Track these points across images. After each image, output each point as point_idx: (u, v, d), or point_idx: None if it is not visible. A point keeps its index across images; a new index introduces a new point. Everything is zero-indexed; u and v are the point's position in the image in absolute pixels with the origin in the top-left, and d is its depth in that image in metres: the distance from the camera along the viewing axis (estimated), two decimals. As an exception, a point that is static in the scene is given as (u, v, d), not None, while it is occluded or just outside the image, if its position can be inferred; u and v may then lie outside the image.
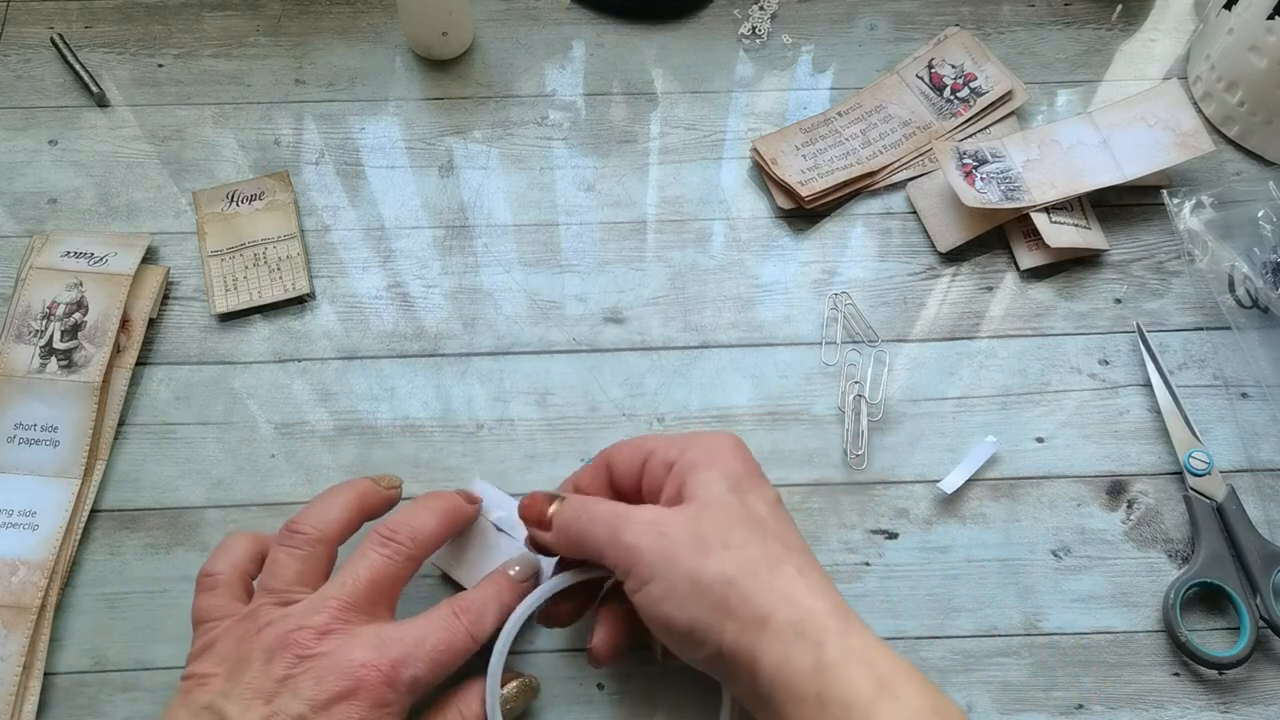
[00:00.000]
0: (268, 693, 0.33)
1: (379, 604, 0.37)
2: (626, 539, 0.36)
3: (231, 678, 0.34)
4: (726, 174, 0.55)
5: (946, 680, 0.42)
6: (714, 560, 0.34)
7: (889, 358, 0.49)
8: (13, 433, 0.46)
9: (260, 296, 0.50)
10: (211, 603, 0.37)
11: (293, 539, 0.38)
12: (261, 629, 0.35)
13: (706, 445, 0.39)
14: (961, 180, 0.52)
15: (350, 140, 0.56)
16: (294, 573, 0.37)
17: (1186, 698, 0.42)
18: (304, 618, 0.35)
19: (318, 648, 0.34)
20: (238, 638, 0.35)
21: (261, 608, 0.36)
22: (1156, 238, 0.53)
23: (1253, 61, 0.52)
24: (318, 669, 0.34)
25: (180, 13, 0.60)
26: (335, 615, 0.35)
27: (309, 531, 0.38)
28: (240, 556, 0.39)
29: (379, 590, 0.37)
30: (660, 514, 0.37)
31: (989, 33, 0.59)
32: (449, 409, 0.48)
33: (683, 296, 0.51)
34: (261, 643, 0.35)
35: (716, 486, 0.37)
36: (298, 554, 0.37)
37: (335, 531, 0.38)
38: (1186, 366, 0.49)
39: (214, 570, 0.38)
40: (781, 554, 0.35)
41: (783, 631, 0.33)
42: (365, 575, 0.36)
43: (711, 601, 0.34)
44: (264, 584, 0.37)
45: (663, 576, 0.35)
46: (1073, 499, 0.46)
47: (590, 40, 0.59)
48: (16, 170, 0.54)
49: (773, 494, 0.38)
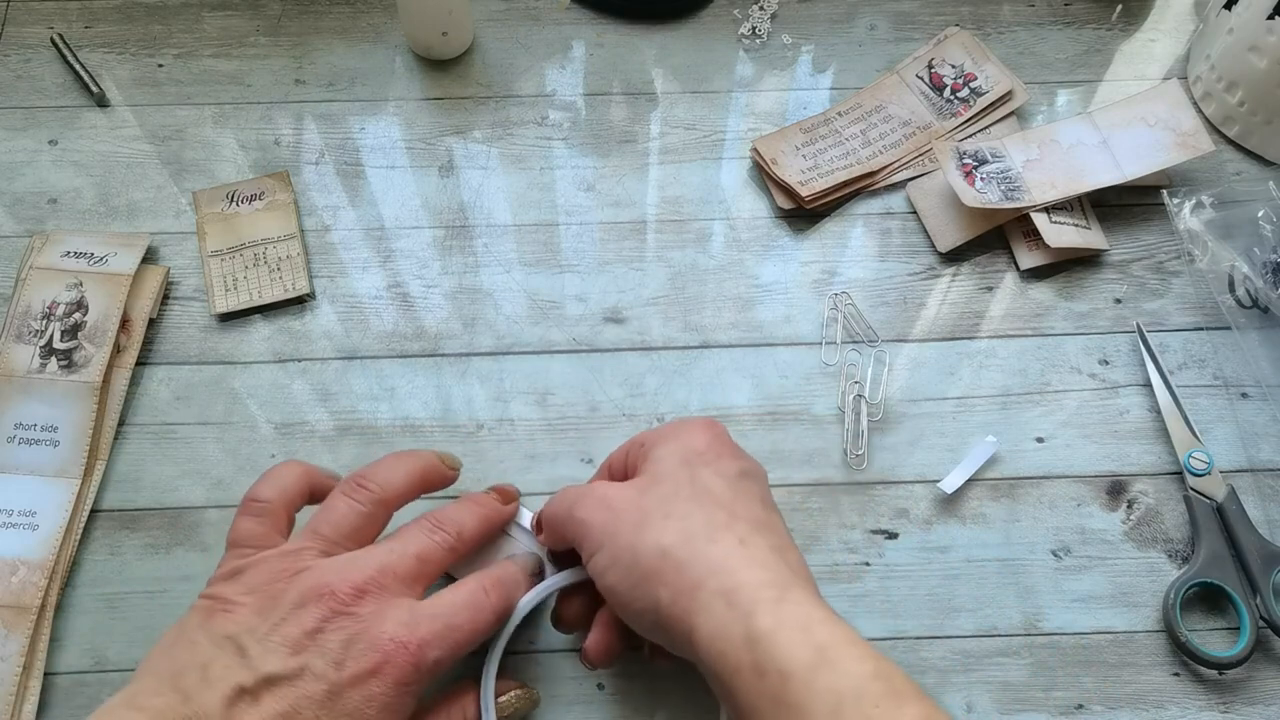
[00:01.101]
0: (295, 643, 0.33)
1: (416, 583, 0.37)
2: (577, 514, 0.37)
3: (260, 613, 0.34)
4: (726, 174, 0.55)
5: (946, 680, 0.42)
6: (653, 531, 0.35)
7: (889, 358, 0.49)
8: (13, 433, 0.46)
9: (260, 296, 0.50)
10: (253, 529, 0.37)
11: (358, 492, 0.38)
12: (299, 571, 0.35)
13: (676, 425, 0.40)
14: (961, 180, 0.52)
15: (350, 140, 0.56)
16: (350, 525, 0.37)
17: (1186, 698, 0.42)
18: (344, 571, 0.35)
19: (353, 607, 0.34)
20: (272, 572, 0.35)
21: (305, 550, 0.36)
22: (1156, 238, 0.53)
23: (1253, 61, 0.52)
24: (349, 630, 0.34)
25: (180, 13, 0.60)
26: (374, 578, 0.35)
27: (374, 489, 0.38)
28: (290, 488, 0.38)
29: (422, 569, 0.37)
30: (610, 488, 0.38)
31: (989, 33, 0.59)
32: (449, 409, 0.48)
33: (683, 296, 0.51)
34: (298, 585, 0.34)
35: (669, 461, 0.38)
36: (358, 508, 0.37)
37: (396, 496, 0.39)
38: (1186, 366, 0.49)
39: (262, 496, 0.38)
40: (725, 523, 0.35)
41: (713, 601, 0.33)
42: (413, 550, 0.37)
43: (648, 570, 0.34)
44: (316, 527, 0.37)
45: (607, 548, 0.36)
46: (1073, 499, 0.46)
47: (590, 40, 0.59)
48: (16, 170, 0.54)
49: (735, 467, 0.38)
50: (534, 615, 0.43)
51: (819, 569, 0.45)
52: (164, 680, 0.32)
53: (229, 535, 0.37)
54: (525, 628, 0.43)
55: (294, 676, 0.33)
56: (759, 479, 0.39)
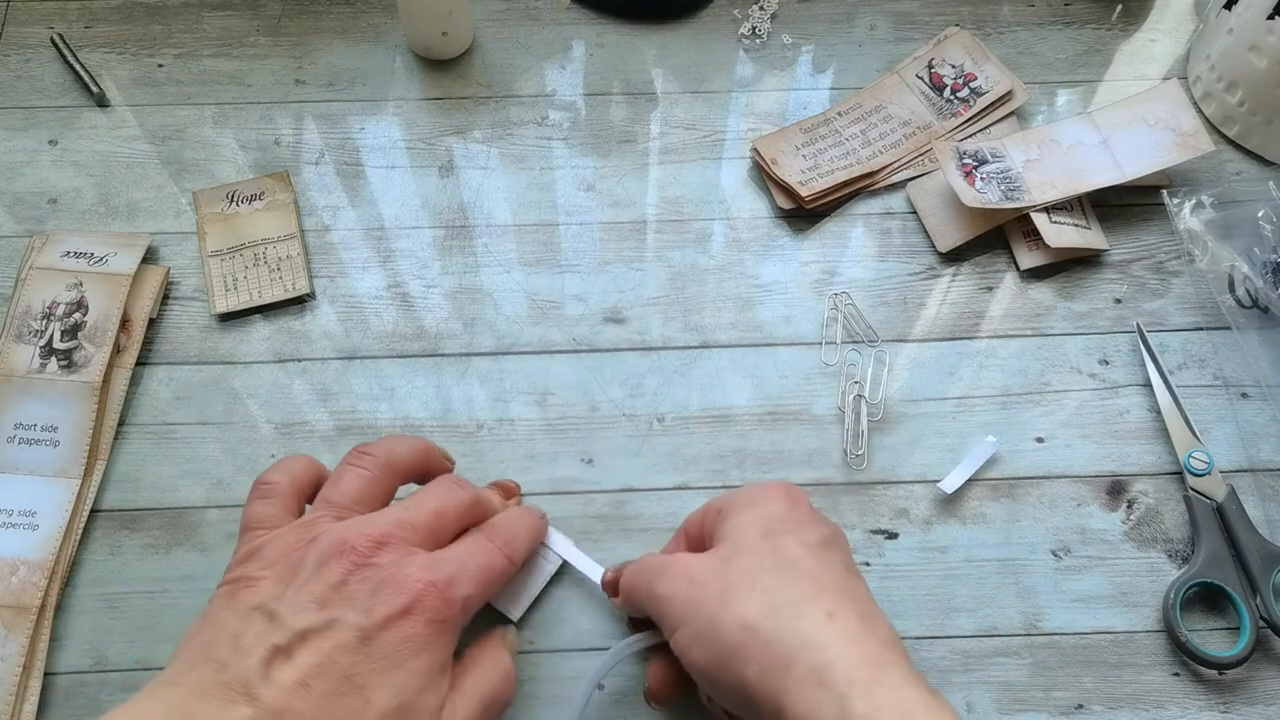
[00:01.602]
0: (322, 598, 0.33)
1: (432, 538, 0.36)
2: (658, 590, 0.37)
3: (282, 580, 0.34)
4: (726, 174, 0.55)
5: (947, 680, 0.42)
6: (738, 605, 0.34)
7: (889, 358, 0.49)
8: (13, 433, 0.46)
9: (260, 296, 0.50)
10: (264, 511, 0.37)
11: (362, 459, 0.38)
12: (316, 536, 0.35)
13: (753, 491, 0.39)
14: (961, 180, 0.52)
15: (350, 140, 0.56)
16: (357, 490, 0.37)
17: (1186, 698, 0.42)
18: (361, 527, 0.35)
19: (374, 558, 0.34)
20: (289, 544, 0.35)
21: (319, 519, 0.36)
22: (1156, 238, 0.53)
23: (1253, 61, 0.52)
24: (374, 579, 0.34)
25: (180, 13, 0.60)
26: (392, 530, 0.35)
27: (378, 455, 0.38)
28: (299, 473, 0.38)
29: (439, 524, 0.37)
30: (693, 561, 0.37)
31: (989, 33, 0.59)
32: (449, 409, 0.48)
33: (683, 296, 0.51)
34: (316, 547, 0.34)
35: (750, 530, 0.37)
36: (364, 474, 0.37)
37: (402, 465, 0.39)
38: (1186, 366, 0.49)
39: (271, 480, 0.38)
40: (811, 596, 0.34)
41: (805, 679, 0.32)
42: (430, 505, 0.37)
43: (733, 645, 0.33)
44: (325, 496, 0.37)
45: (690, 622, 0.35)
46: (1073, 499, 0.46)
47: (590, 40, 0.59)
48: (16, 170, 0.54)
49: (817, 535, 0.37)
50: (532, 614, 0.43)
51: (819, 569, 0.45)
52: (196, 656, 0.32)
53: (242, 520, 0.37)
54: (523, 628, 0.43)
55: (325, 628, 0.33)
56: (841, 545, 0.38)
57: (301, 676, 0.32)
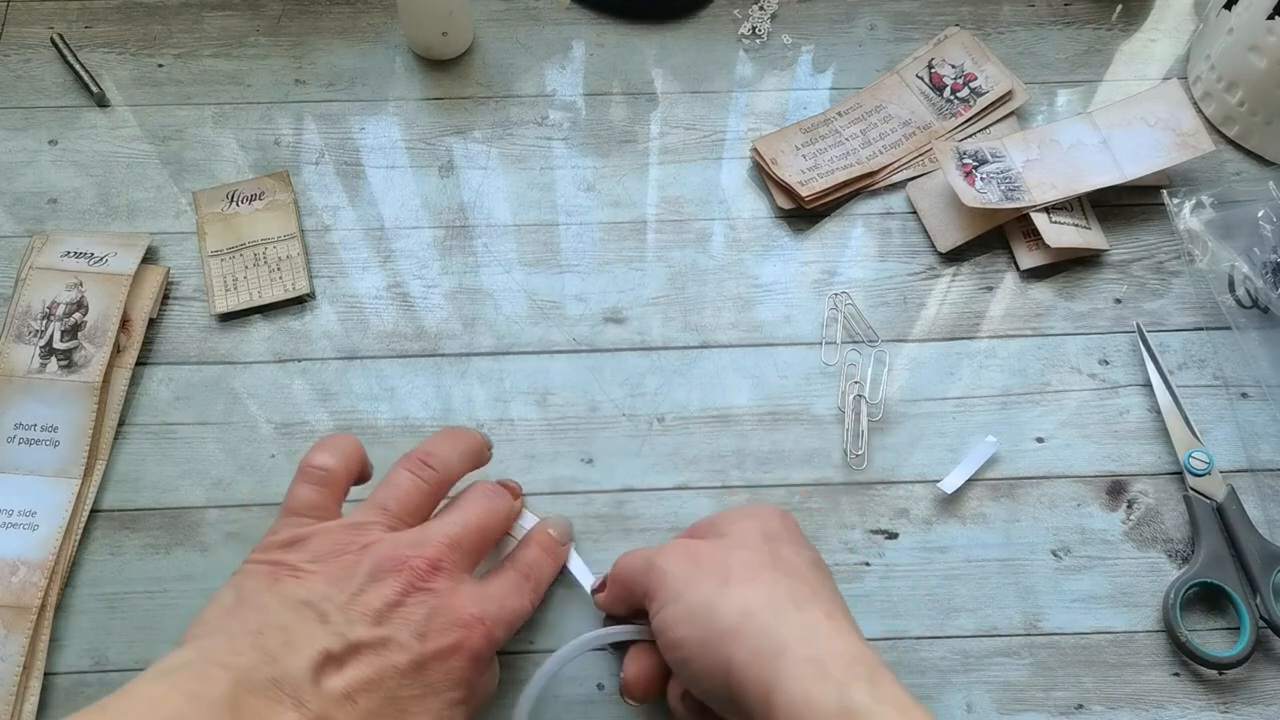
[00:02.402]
0: (377, 613, 0.33)
1: (475, 555, 0.37)
2: (658, 561, 0.37)
3: (334, 582, 0.34)
4: (726, 174, 0.55)
5: (946, 680, 0.42)
6: (737, 590, 0.35)
7: (889, 358, 0.49)
8: (13, 433, 0.46)
9: (260, 296, 0.50)
10: (312, 497, 0.37)
11: (423, 470, 0.38)
12: (369, 544, 0.35)
13: (748, 508, 0.40)
14: (961, 180, 0.52)
15: (350, 140, 0.56)
16: (414, 503, 0.37)
17: (1186, 698, 0.42)
18: (417, 546, 0.35)
19: (429, 582, 0.34)
20: (339, 543, 0.35)
21: (371, 524, 0.36)
22: (1156, 238, 0.53)
23: (1253, 61, 0.52)
24: (429, 605, 0.34)
25: (180, 13, 0.60)
26: (446, 554, 0.35)
27: (438, 469, 0.38)
28: (351, 460, 0.38)
29: (482, 543, 0.37)
30: (696, 542, 0.38)
31: (989, 33, 0.59)
32: (449, 409, 0.48)
33: (683, 296, 0.51)
34: (370, 557, 0.34)
35: (750, 534, 0.38)
36: (423, 487, 0.37)
37: (455, 476, 0.39)
38: (1186, 366, 0.49)
39: (325, 465, 0.37)
40: (810, 596, 0.35)
41: (802, 667, 0.32)
42: (476, 521, 0.37)
43: (728, 627, 0.34)
44: (381, 501, 0.37)
45: (684, 599, 0.35)
46: (1073, 499, 0.46)
47: (590, 40, 0.59)
48: (16, 170, 0.54)
49: (810, 554, 0.38)
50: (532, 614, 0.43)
51: (819, 569, 0.45)
52: (241, 639, 0.32)
53: (286, 502, 0.37)
54: (524, 628, 0.43)
55: (379, 645, 0.33)
56: (828, 573, 0.38)
57: (349, 689, 0.32)
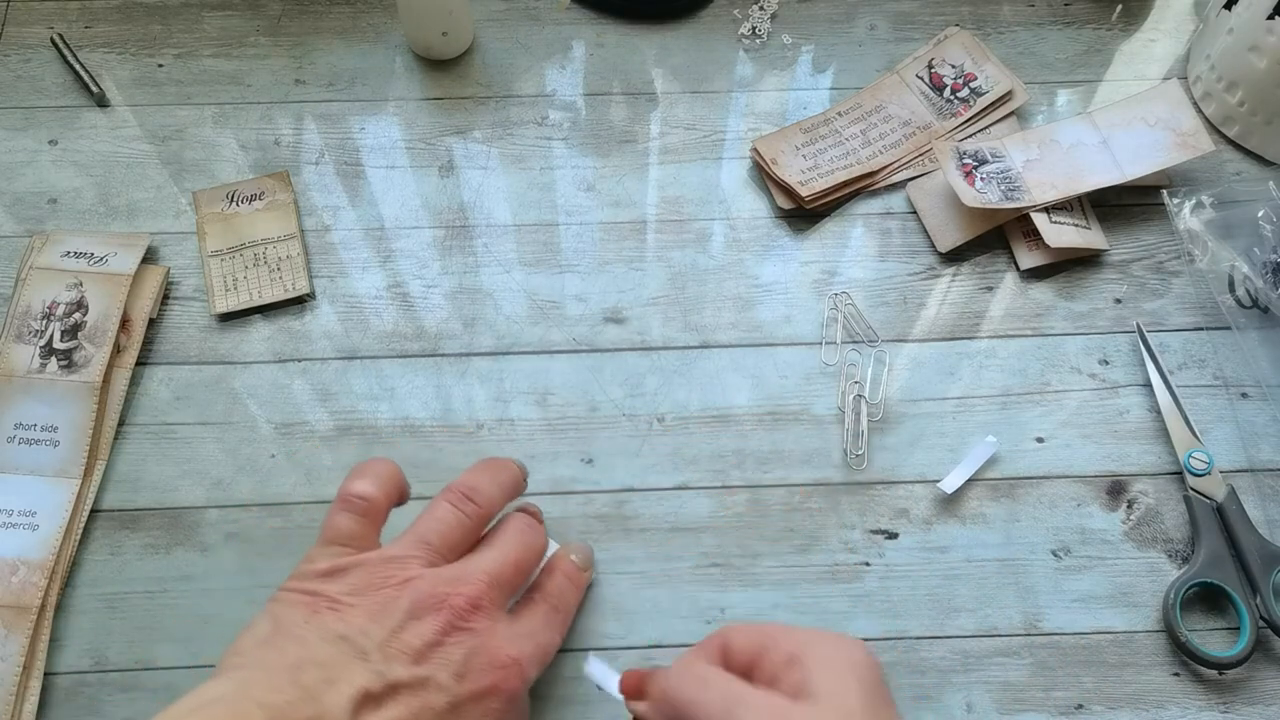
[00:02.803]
0: (416, 652, 0.33)
1: (511, 591, 0.37)
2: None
3: (374, 618, 0.33)
4: (726, 174, 0.55)
5: (946, 680, 0.42)
6: None
7: (889, 358, 0.49)
8: (13, 433, 0.46)
9: (260, 296, 0.50)
10: (352, 527, 0.36)
11: (466, 505, 0.37)
12: (409, 579, 0.34)
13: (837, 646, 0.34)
14: (961, 180, 0.52)
15: (350, 140, 0.56)
16: (457, 538, 0.37)
17: (1186, 698, 0.42)
18: (456, 584, 0.35)
19: (469, 621, 0.34)
20: (379, 576, 0.34)
21: (411, 558, 0.35)
22: (1156, 238, 0.53)
23: (1253, 61, 0.52)
24: (468, 645, 0.34)
25: (180, 13, 0.60)
26: (485, 592, 0.35)
27: (483, 505, 0.38)
28: (392, 488, 0.38)
29: (520, 575, 0.37)
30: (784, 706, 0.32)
31: (989, 33, 0.59)
32: (449, 409, 0.48)
33: (683, 296, 0.51)
34: (410, 594, 0.34)
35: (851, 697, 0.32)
36: (466, 523, 0.37)
37: (496, 510, 0.39)
38: (1186, 366, 0.49)
39: (366, 494, 0.37)
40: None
41: None
42: (513, 556, 0.37)
43: None
44: (423, 536, 0.36)
45: None
46: (1073, 499, 0.46)
47: (590, 40, 0.59)
48: (16, 170, 0.54)
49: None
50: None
51: (819, 569, 0.45)
52: (280, 674, 0.31)
53: (325, 531, 0.36)
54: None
55: (418, 686, 0.33)
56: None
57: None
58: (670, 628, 0.43)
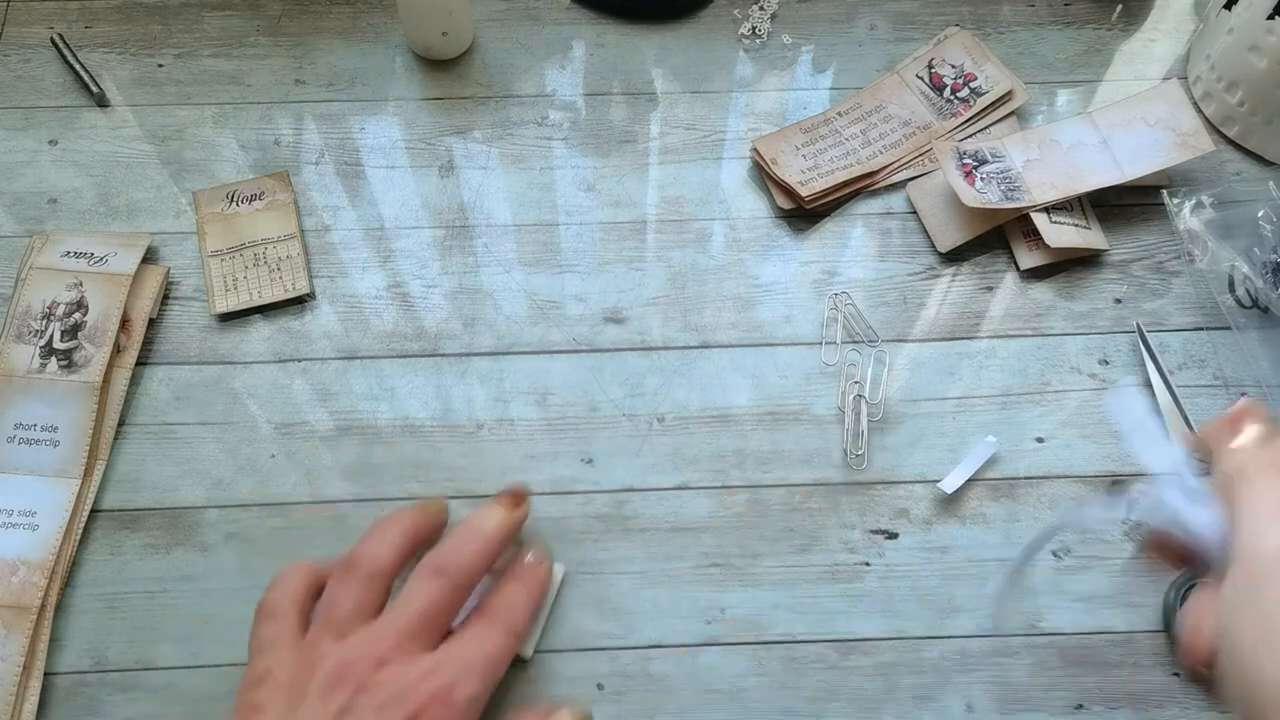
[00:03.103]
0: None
1: (433, 633, 0.37)
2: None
3: (289, 708, 0.35)
4: (726, 174, 0.55)
5: (946, 680, 0.42)
6: None
7: (889, 358, 0.49)
8: (13, 433, 0.46)
9: (260, 296, 0.50)
10: (271, 631, 0.37)
11: (350, 574, 0.38)
12: (319, 660, 0.35)
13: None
14: (961, 180, 0.52)
15: (350, 140, 0.56)
16: (352, 605, 0.37)
17: (1186, 698, 0.42)
18: (361, 648, 0.36)
19: (376, 677, 0.35)
20: (295, 668, 0.36)
21: (320, 640, 0.36)
22: (1156, 238, 0.53)
23: (1253, 61, 0.52)
24: (378, 698, 0.35)
25: (180, 13, 0.60)
26: (391, 645, 0.36)
27: (365, 565, 0.38)
28: (297, 589, 0.39)
29: (431, 621, 0.37)
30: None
31: (989, 33, 0.59)
32: (449, 409, 0.48)
33: (683, 296, 0.51)
34: (320, 673, 0.35)
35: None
36: (354, 588, 0.38)
37: (389, 565, 0.39)
38: (1186, 366, 0.49)
39: (271, 601, 0.39)
40: None
41: None
42: (418, 607, 0.37)
43: None
44: (321, 616, 0.38)
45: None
46: (1073, 499, 0.46)
47: (590, 40, 0.59)
48: (16, 170, 0.54)
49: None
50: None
51: (819, 569, 0.45)
52: None
53: (250, 643, 0.38)
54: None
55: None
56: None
57: None
58: (670, 628, 0.43)
